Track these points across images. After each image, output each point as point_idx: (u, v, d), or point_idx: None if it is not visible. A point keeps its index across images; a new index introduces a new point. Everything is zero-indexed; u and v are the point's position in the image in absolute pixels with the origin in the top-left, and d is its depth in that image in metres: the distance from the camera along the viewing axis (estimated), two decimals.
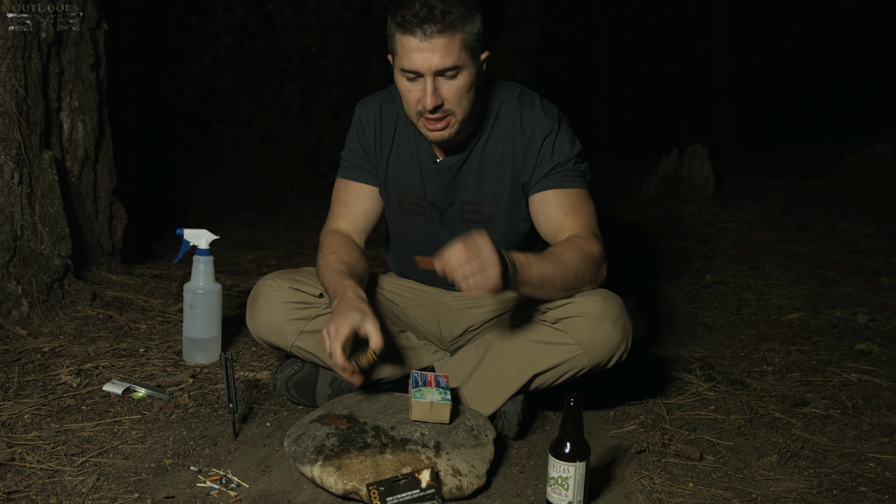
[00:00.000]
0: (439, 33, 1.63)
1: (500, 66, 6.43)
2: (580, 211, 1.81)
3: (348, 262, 1.82)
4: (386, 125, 1.92)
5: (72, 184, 2.71)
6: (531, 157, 1.82)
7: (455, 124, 1.74)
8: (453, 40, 1.64)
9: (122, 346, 2.29)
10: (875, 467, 1.77)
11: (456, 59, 1.66)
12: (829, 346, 2.58)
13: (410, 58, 1.65)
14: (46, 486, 1.53)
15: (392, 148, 1.92)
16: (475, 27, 1.69)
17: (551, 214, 1.82)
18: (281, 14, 5.47)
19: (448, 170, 1.87)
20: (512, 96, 1.86)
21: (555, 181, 1.82)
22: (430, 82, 1.67)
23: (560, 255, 1.71)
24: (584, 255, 1.72)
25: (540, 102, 1.86)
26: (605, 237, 1.83)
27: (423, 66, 1.65)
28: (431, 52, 1.64)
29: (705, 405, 2.11)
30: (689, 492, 1.64)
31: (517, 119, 1.83)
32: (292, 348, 1.87)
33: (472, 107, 1.76)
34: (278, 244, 3.93)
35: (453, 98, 1.70)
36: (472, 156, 1.86)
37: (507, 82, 1.90)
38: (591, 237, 1.78)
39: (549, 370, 1.76)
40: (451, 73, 1.67)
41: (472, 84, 1.71)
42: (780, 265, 3.49)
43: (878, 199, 4.96)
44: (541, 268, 1.65)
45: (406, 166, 1.91)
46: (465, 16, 1.66)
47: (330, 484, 1.50)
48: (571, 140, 1.84)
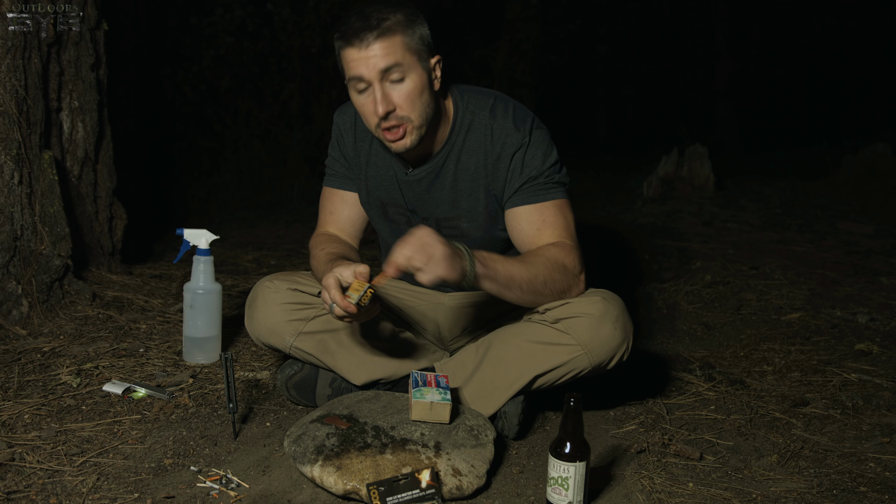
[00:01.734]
0: (376, 38, 1.64)
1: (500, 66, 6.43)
2: (553, 223, 1.79)
3: (336, 253, 1.84)
4: (361, 133, 1.91)
5: (72, 184, 2.71)
6: (501, 171, 1.81)
7: (413, 131, 1.72)
8: (392, 42, 1.65)
9: (122, 346, 2.29)
10: (875, 467, 1.77)
11: (398, 57, 1.66)
12: (829, 346, 2.58)
13: (353, 67, 1.67)
14: (46, 486, 1.53)
15: (370, 157, 1.92)
16: (417, 32, 1.69)
17: (524, 230, 1.81)
18: (281, 14, 5.47)
19: (420, 182, 1.85)
20: (484, 108, 1.82)
21: (526, 196, 1.80)
22: (378, 88, 1.67)
23: (529, 260, 1.72)
24: (554, 264, 1.72)
25: (513, 113, 1.81)
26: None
27: (366, 72, 1.66)
28: (372, 57, 1.65)
29: (705, 405, 2.11)
30: (689, 492, 1.64)
31: (488, 132, 1.81)
32: (291, 349, 1.87)
33: (428, 113, 1.73)
34: (278, 244, 3.93)
35: (405, 103, 1.69)
36: (445, 170, 1.84)
37: (480, 91, 1.87)
38: (566, 247, 1.76)
39: (550, 371, 1.76)
40: (397, 77, 1.67)
41: (422, 88, 1.70)
42: (780, 265, 3.49)
43: (878, 199, 4.96)
44: (506, 266, 1.66)
45: (384, 176, 1.90)
46: (403, 22, 1.67)
47: (330, 484, 1.50)
48: (545, 152, 1.80)
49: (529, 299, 1.74)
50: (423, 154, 1.83)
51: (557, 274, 1.72)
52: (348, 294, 1.59)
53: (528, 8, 6.61)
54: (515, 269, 1.68)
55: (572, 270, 1.75)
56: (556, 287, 1.73)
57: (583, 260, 1.79)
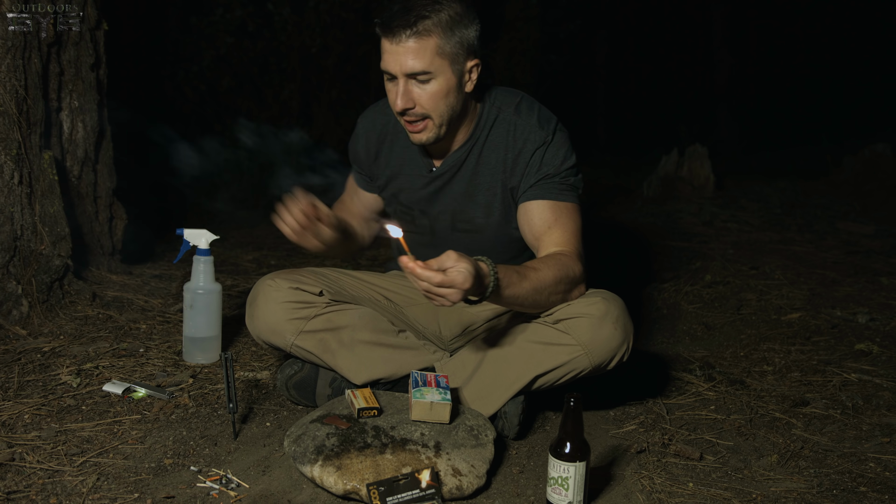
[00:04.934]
0: (410, 38, 1.65)
1: (500, 66, 6.43)
2: (564, 225, 1.80)
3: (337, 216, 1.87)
4: (383, 135, 1.95)
5: (72, 184, 2.71)
6: (520, 166, 1.82)
7: (433, 128, 1.75)
8: (425, 45, 1.65)
9: (122, 346, 2.29)
10: (875, 467, 1.77)
11: (427, 64, 1.66)
12: (829, 346, 2.58)
13: (385, 59, 1.70)
14: (46, 486, 1.53)
15: (388, 158, 1.95)
16: (458, 34, 1.69)
17: (535, 225, 1.81)
18: (281, 14, 5.46)
19: (443, 178, 1.88)
20: (510, 105, 1.85)
21: (541, 192, 1.81)
22: (401, 84, 1.70)
23: (539, 273, 1.69)
24: (563, 276, 1.71)
25: (538, 112, 1.84)
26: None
27: (394, 68, 1.69)
28: (403, 55, 1.66)
29: (705, 405, 2.11)
30: (689, 492, 1.64)
31: (511, 128, 1.83)
32: (292, 348, 1.87)
33: (454, 112, 1.75)
34: (278, 244, 3.93)
35: (427, 102, 1.71)
36: (467, 164, 1.86)
37: (510, 91, 1.90)
38: (574, 257, 1.76)
39: (550, 371, 1.76)
40: (424, 78, 1.69)
41: (448, 90, 1.71)
42: (780, 265, 3.49)
43: (878, 199, 4.96)
44: (514, 289, 1.64)
45: (401, 175, 1.93)
46: (445, 22, 1.66)
47: (330, 484, 1.50)
48: (565, 153, 1.82)
49: (526, 310, 1.78)
50: (446, 147, 1.86)
51: (563, 285, 1.73)
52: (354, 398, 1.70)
53: (528, 8, 6.60)
54: (521, 290, 1.65)
55: (576, 280, 1.76)
56: (556, 299, 1.75)
57: (585, 266, 1.80)
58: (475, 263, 1.52)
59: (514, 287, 1.63)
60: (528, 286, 1.66)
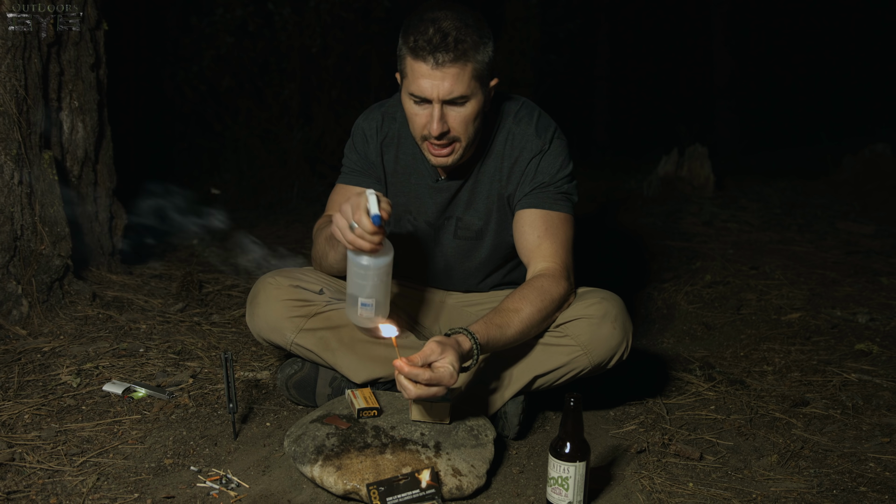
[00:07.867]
0: (451, 62, 1.60)
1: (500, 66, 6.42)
2: (555, 236, 1.79)
3: None
4: (387, 140, 1.91)
5: (72, 184, 2.71)
6: (516, 175, 1.82)
7: (459, 150, 1.74)
8: (464, 70, 1.63)
9: (122, 346, 2.29)
10: (875, 467, 1.77)
11: (465, 88, 1.64)
12: (829, 346, 2.57)
13: (419, 84, 1.64)
14: (46, 486, 1.53)
15: (393, 164, 1.92)
16: (486, 55, 1.67)
17: (526, 234, 1.81)
18: (281, 14, 5.46)
19: (449, 188, 1.88)
20: (510, 114, 1.85)
21: (534, 200, 1.81)
22: (437, 109, 1.65)
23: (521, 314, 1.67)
24: (545, 307, 1.70)
25: (537, 120, 1.83)
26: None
27: (432, 94, 1.64)
28: (442, 80, 1.62)
29: (705, 405, 2.11)
30: (689, 492, 1.64)
31: (509, 137, 1.83)
32: (292, 346, 1.87)
33: (479, 133, 1.76)
34: (278, 244, 3.93)
35: (460, 126, 1.69)
36: (470, 174, 1.87)
37: (513, 98, 1.89)
38: (560, 276, 1.75)
39: (549, 372, 1.76)
40: (461, 102, 1.66)
41: (478, 112, 1.70)
42: (780, 265, 3.49)
43: (878, 199, 4.96)
44: (499, 343, 1.64)
45: (405, 183, 1.91)
46: (477, 44, 1.64)
47: (330, 484, 1.50)
48: (561, 162, 1.82)
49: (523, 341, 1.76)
50: (459, 166, 1.85)
51: (546, 313, 1.72)
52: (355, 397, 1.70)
53: (528, 8, 6.61)
54: (501, 341, 1.65)
55: (560, 301, 1.75)
56: (541, 327, 1.74)
57: (572, 279, 1.79)
58: (457, 348, 1.52)
59: (498, 342, 1.64)
60: (513, 333, 1.66)
